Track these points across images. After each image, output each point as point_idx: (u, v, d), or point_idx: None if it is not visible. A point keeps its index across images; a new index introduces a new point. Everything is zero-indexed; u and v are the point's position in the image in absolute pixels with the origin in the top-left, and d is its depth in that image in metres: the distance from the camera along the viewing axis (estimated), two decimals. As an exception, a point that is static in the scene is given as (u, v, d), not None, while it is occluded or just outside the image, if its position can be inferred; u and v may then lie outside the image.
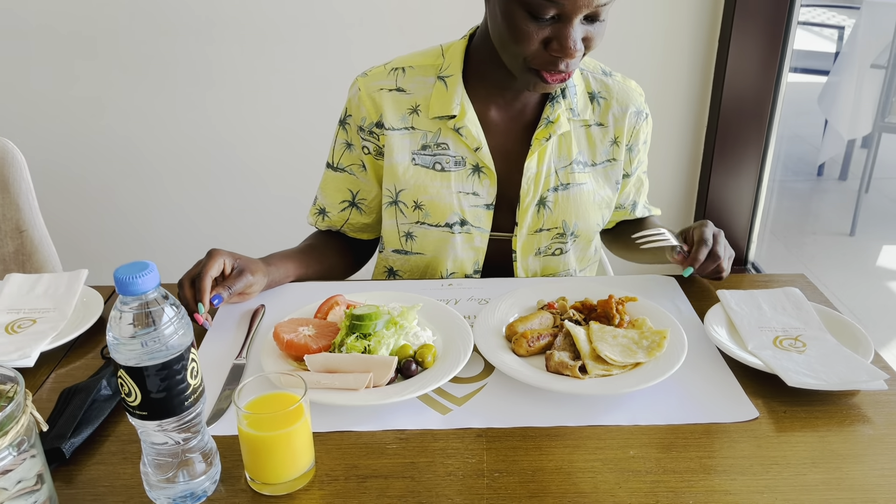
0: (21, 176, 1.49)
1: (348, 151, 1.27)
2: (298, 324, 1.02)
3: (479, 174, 1.21)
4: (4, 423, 0.69)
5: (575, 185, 1.23)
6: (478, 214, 1.23)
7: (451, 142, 1.21)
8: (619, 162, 1.27)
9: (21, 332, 1.05)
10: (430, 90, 1.20)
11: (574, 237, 1.27)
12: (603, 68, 1.27)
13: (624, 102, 1.25)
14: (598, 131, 1.24)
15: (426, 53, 1.23)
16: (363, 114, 1.23)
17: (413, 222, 1.24)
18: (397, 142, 1.21)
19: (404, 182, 1.22)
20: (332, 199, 1.32)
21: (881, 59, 3.23)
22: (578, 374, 0.94)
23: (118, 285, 0.69)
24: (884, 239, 3.31)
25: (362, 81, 1.23)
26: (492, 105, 1.21)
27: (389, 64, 1.24)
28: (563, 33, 1.02)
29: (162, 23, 2.14)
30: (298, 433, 0.78)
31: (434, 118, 1.20)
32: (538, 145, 1.20)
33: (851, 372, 0.93)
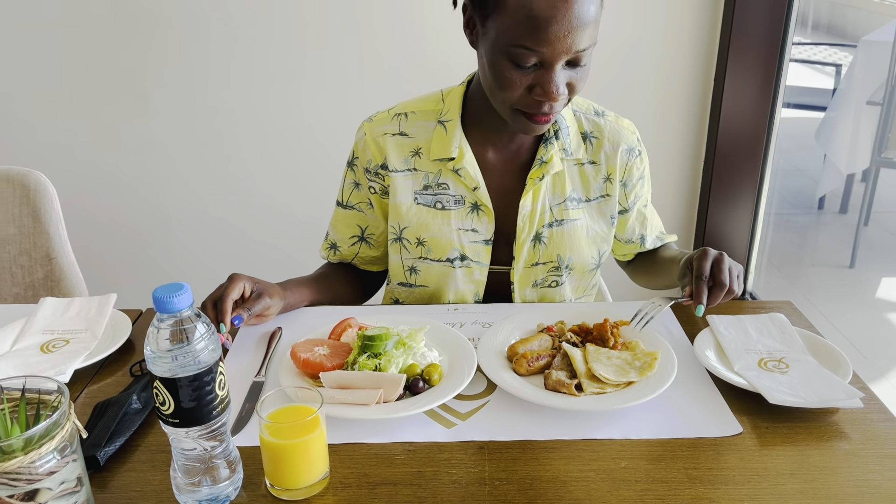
0: (52, 206, 1.58)
1: (356, 190, 1.35)
2: (314, 344, 1.09)
3: (477, 212, 1.28)
4: (51, 429, 0.77)
5: (569, 221, 1.30)
6: (477, 250, 1.30)
7: (450, 182, 1.28)
8: (612, 198, 1.32)
9: (56, 352, 1.13)
10: (430, 134, 1.28)
11: (569, 270, 1.32)
12: (596, 109, 1.33)
13: (615, 141, 1.30)
14: (590, 169, 1.31)
15: (427, 99, 1.31)
16: (369, 156, 1.30)
17: (416, 257, 1.31)
18: (400, 183, 1.29)
19: (407, 220, 1.30)
20: (343, 234, 1.39)
21: (877, 96, 3.31)
22: (574, 391, 1.01)
23: (156, 303, 0.77)
24: (883, 271, 3.36)
25: (368, 127, 1.31)
26: (489, 147, 1.28)
27: (393, 109, 1.31)
28: (545, 79, 1.08)
29: (184, 56, 2.25)
30: (315, 442, 0.85)
31: (435, 160, 1.27)
32: (532, 184, 1.26)
33: (830, 391, 1.00)
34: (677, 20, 2.26)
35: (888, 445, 0.94)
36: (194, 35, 2.23)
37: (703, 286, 1.12)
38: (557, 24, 1.03)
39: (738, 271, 1.16)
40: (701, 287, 1.12)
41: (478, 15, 1.12)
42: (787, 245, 3.67)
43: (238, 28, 2.23)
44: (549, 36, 1.03)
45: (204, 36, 2.23)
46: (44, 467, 0.76)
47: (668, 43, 2.29)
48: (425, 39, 2.23)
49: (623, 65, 2.30)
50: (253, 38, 2.24)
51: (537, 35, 1.04)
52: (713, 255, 1.15)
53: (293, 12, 2.21)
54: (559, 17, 1.03)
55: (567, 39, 1.04)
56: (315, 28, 2.23)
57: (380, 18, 2.22)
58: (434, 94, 1.31)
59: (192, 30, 2.22)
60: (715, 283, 1.12)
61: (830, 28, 6.90)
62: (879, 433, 0.96)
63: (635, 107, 2.35)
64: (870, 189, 3.45)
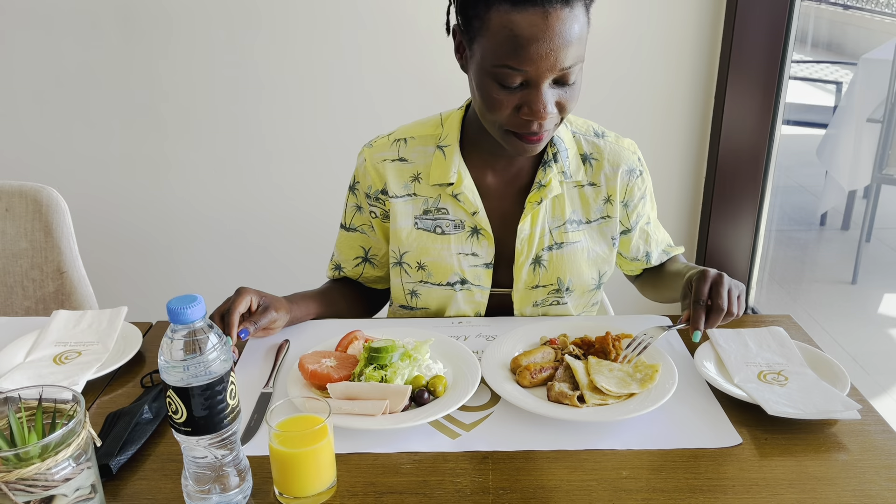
0: (63, 221, 1.61)
1: (358, 213, 1.37)
2: (321, 356, 1.11)
3: (477, 236, 1.29)
4: (67, 437, 0.79)
5: (568, 243, 1.30)
6: (477, 273, 1.30)
7: (450, 207, 1.29)
8: (613, 219, 1.32)
9: (68, 363, 1.15)
10: (430, 159, 1.28)
11: (569, 292, 1.33)
12: (595, 130, 1.33)
13: (615, 162, 1.30)
14: (590, 191, 1.30)
15: (426, 123, 1.32)
16: (369, 182, 1.32)
17: (417, 281, 1.32)
18: (400, 208, 1.30)
19: (408, 245, 1.31)
20: (347, 255, 1.41)
21: (877, 114, 3.34)
22: (577, 403, 1.02)
23: (170, 315, 0.79)
24: (885, 287, 3.37)
25: (368, 152, 1.32)
26: (488, 171, 1.28)
27: (393, 134, 1.32)
28: (532, 98, 1.08)
29: (195, 73, 2.29)
30: (323, 450, 0.87)
31: (434, 185, 1.28)
32: (531, 208, 1.26)
33: (827, 403, 1.01)
34: (677, 38, 2.30)
35: (885, 456, 0.95)
36: (206, 52, 2.27)
37: (700, 311, 1.11)
38: (539, 43, 1.03)
39: (740, 291, 1.15)
40: (699, 312, 1.11)
41: (465, 38, 1.13)
42: (789, 261, 3.69)
43: (250, 44, 2.27)
44: (531, 55, 1.04)
45: (216, 53, 2.27)
46: (59, 474, 0.78)
47: (668, 61, 2.32)
48: (432, 58, 2.27)
49: (623, 82, 2.34)
50: (265, 54, 2.28)
51: (520, 54, 1.04)
52: (712, 278, 1.14)
53: (304, 29, 2.25)
54: (540, 35, 1.03)
55: (550, 57, 1.04)
56: (326, 46, 2.27)
57: (389, 38, 2.26)
58: (433, 119, 1.32)
59: (203, 47, 2.26)
60: (713, 306, 1.11)
61: (831, 46, 6.95)
62: (877, 444, 0.97)
63: (636, 124, 2.38)
64: (871, 205, 3.47)
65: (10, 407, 0.83)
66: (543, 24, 1.03)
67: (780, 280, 3.46)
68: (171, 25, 2.23)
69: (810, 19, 6.62)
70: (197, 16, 2.22)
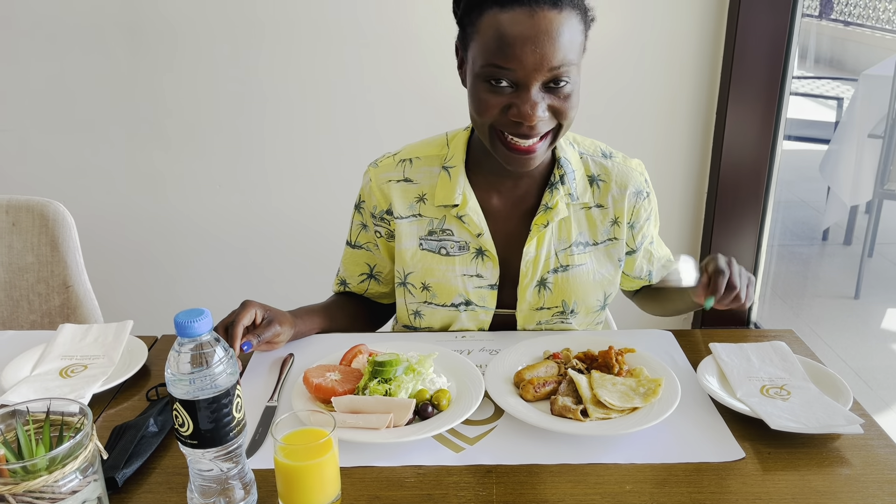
0: (70, 235, 1.62)
1: (364, 231, 1.37)
2: (326, 370, 1.12)
3: (482, 257, 1.28)
4: (74, 449, 0.80)
5: (574, 266, 1.29)
6: (482, 295, 1.30)
7: (454, 228, 1.28)
8: (620, 241, 1.31)
9: (74, 377, 1.16)
10: (435, 179, 1.28)
11: (574, 314, 1.32)
12: (603, 150, 1.32)
13: (623, 184, 1.29)
14: (598, 213, 1.29)
15: (432, 143, 1.31)
16: (374, 202, 1.31)
17: (421, 302, 1.32)
18: (405, 229, 1.30)
19: (412, 265, 1.30)
20: (352, 272, 1.42)
21: (878, 129, 3.36)
22: (580, 417, 1.03)
23: (178, 328, 0.80)
24: (888, 302, 3.37)
25: (373, 172, 1.32)
26: (493, 192, 1.28)
27: (398, 154, 1.32)
28: (520, 99, 1.07)
29: (200, 90, 2.31)
30: (328, 464, 0.87)
31: (439, 206, 1.27)
32: (537, 231, 1.25)
33: (830, 417, 1.02)
34: (678, 54, 2.32)
35: (888, 471, 0.95)
36: (210, 68, 2.29)
37: (721, 279, 1.13)
38: (525, 41, 1.04)
39: (751, 280, 1.18)
40: (720, 279, 1.13)
41: (463, 49, 1.15)
42: (792, 276, 3.69)
43: (254, 61, 2.29)
44: (516, 53, 1.04)
45: (220, 69, 2.29)
46: (67, 486, 0.79)
47: (670, 76, 2.34)
48: (434, 74, 2.29)
49: (625, 98, 2.35)
50: (268, 70, 2.30)
51: (506, 52, 1.05)
52: (728, 259, 1.17)
53: (307, 45, 2.27)
54: (526, 33, 1.03)
55: (535, 55, 1.04)
56: (330, 62, 2.29)
57: (391, 54, 2.28)
58: (439, 139, 1.32)
59: (208, 63, 2.28)
60: (730, 283, 1.14)
61: (832, 62, 6.99)
62: (880, 459, 0.98)
63: (638, 140, 2.40)
64: (873, 221, 3.48)
65: (18, 420, 0.83)
66: (529, 23, 1.04)
67: (782, 295, 3.46)
68: (176, 42, 2.26)
69: (812, 35, 6.67)
70: (202, 33, 2.25)
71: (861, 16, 6.55)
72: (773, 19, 2.23)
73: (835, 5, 6.89)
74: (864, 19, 6.50)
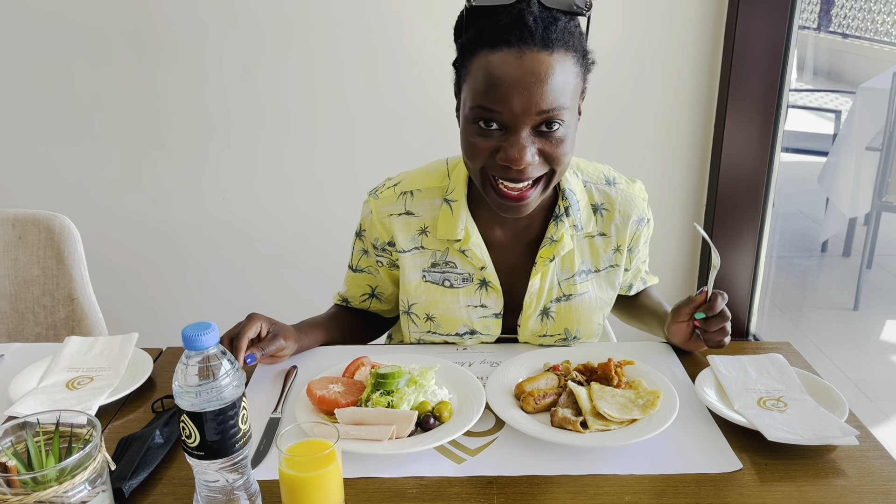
0: (75, 249, 1.64)
1: (365, 256, 1.38)
2: (329, 382, 1.13)
3: (486, 288, 1.28)
4: (83, 461, 0.81)
5: (577, 295, 1.29)
6: (487, 324, 1.31)
7: (457, 261, 1.28)
8: (620, 267, 1.32)
9: (81, 389, 1.18)
10: (437, 212, 1.27)
11: (577, 339, 1.33)
12: (607, 177, 1.31)
13: (626, 212, 1.28)
14: (600, 241, 1.29)
15: (433, 174, 1.30)
16: (375, 234, 1.32)
17: (425, 332, 1.33)
18: (408, 262, 1.30)
19: (416, 297, 1.31)
20: (354, 292, 1.43)
21: (876, 142, 3.38)
22: (580, 428, 1.04)
23: (185, 341, 0.82)
24: (887, 314, 3.39)
25: (374, 205, 1.30)
26: (496, 225, 1.27)
27: (399, 186, 1.30)
28: (508, 142, 1.06)
29: (204, 104, 2.34)
30: (331, 475, 0.88)
31: (441, 239, 1.28)
32: (542, 265, 1.26)
33: (826, 429, 1.03)
34: (677, 66, 2.34)
35: (884, 482, 0.97)
36: (216, 83, 2.32)
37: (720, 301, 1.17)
38: (512, 82, 1.02)
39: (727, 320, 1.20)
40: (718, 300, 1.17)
41: (458, 92, 1.14)
42: (791, 287, 3.71)
43: (261, 75, 2.31)
44: (503, 94, 1.02)
45: (226, 83, 2.32)
46: (76, 497, 0.80)
47: (668, 89, 2.36)
48: (433, 94, 2.31)
49: (623, 111, 2.38)
50: (275, 84, 2.32)
51: (493, 93, 1.03)
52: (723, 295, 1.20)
53: (313, 64, 2.30)
54: (513, 73, 1.02)
55: (523, 97, 1.02)
56: (337, 76, 2.31)
57: (392, 74, 2.31)
58: (440, 169, 1.31)
59: (213, 77, 2.31)
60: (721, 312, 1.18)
61: (831, 74, 7.03)
62: (875, 470, 0.99)
63: (636, 153, 2.42)
64: (872, 232, 3.50)
65: (28, 431, 0.85)
66: (517, 64, 1.02)
67: (781, 306, 3.48)
68: (181, 58, 2.28)
69: (810, 48, 6.71)
70: (209, 51, 2.27)
71: (859, 28, 6.60)
72: (770, 32, 2.26)
73: (833, 18, 6.94)
74: (862, 31, 6.54)
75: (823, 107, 4.72)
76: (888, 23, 6.34)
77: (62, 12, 2.23)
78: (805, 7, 7.11)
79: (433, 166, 1.32)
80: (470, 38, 1.09)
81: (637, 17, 2.29)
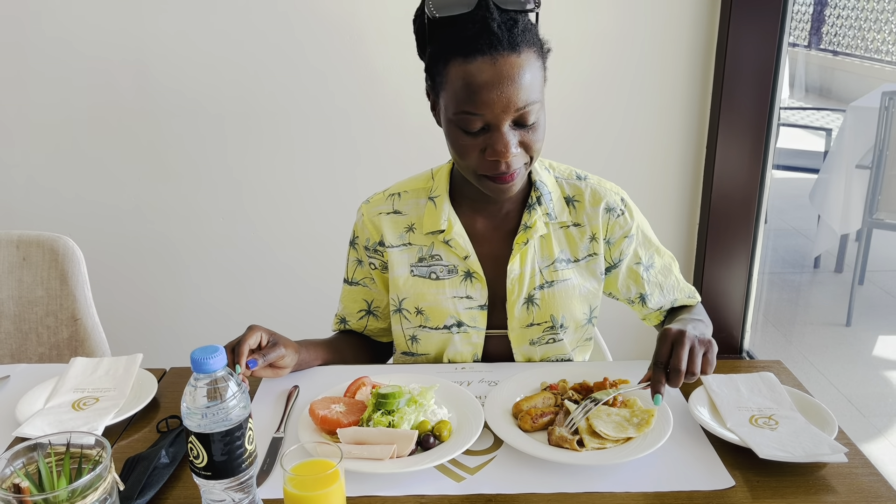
0: (79, 270, 1.67)
1: (360, 267, 1.44)
2: (331, 402, 1.16)
3: (470, 279, 1.35)
4: (94, 481, 0.84)
5: (559, 281, 1.36)
6: (473, 315, 1.36)
7: (442, 253, 1.35)
8: (599, 256, 1.37)
9: (86, 409, 1.20)
10: (422, 210, 1.36)
11: (564, 329, 1.37)
12: (578, 174, 1.39)
13: (595, 201, 1.36)
14: (575, 231, 1.37)
15: (419, 178, 1.40)
16: (367, 235, 1.40)
17: (416, 326, 1.38)
18: (397, 257, 1.37)
19: (405, 292, 1.37)
20: (351, 309, 1.48)
21: (866, 160, 3.43)
22: (577, 447, 1.07)
23: (194, 364, 0.84)
24: (879, 329, 3.42)
25: (365, 208, 1.41)
26: (477, 217, 1.36)
27: (388, 190, 1.41)
28: (493, 140, 1.15)
29: (205, 127, 2.37)
30: (335, 494, 0.91)
31: (427, 233, 1.35)
32: (518, 249, 1.33)
33: (816, 446, 1.06)
34: (669, 86, 2.39)
35: (872, 498, 1.00)
36: (215, 105, 2.35)
37: (660, 374, 1.10)
38: (491, 87, 1.11)
39: (706, 348, 1.12)
40: (658, 375, 1.10)
41: (434, 95, 1.23)
42: (784, 304, 3.74)
43: (259, 97, 2.35)
44: (484, 99, 1.11)
45: (226, 104, 2.35)
46: (87, 517, 0.82)
47: (660, 108, 2.41)
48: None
49: (615, 129, 2.42)
50: (275, 104, 2.36)
51: (475, 99, 1.12)
52: (672, 338, 1.12)
53: (312, 80, 2.33)
54: (491, 80, 1.11)
55: (502, 100, 1.11)
56: (338, 96, 2.35)
57: (395, 95, 2.35)
58: (425, 174, 1.41)
59: (212, 99, 2.34)
60: (671, 368, 1.10)
61: (822, 91, 7.11)
62: (864, 486, 1.02)
63: (629, 171, 2.46)
64: (863, 249, 3.54)
65: (40, 452, 0.87)
66: (492, 70, 1.11)
67: (774, 322, 3.51)
68: (181, 77, 2.32)
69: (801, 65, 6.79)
70: (208, 69, 2.31)
71: (850, 45, 6.69)
72: (760, 50, 2.30)
73: (823, 35, 7.03)
74: (852, 49, 6.63)
75: (814, 125, 4.78)
76: (878, 40, 6.43)
77: (64, 37, 2.27)
78: (796, 25, 7.20)
79: (419, 174, 1.42)
80: (440, 47, 1.16)
81: (628, 35, 2.33)
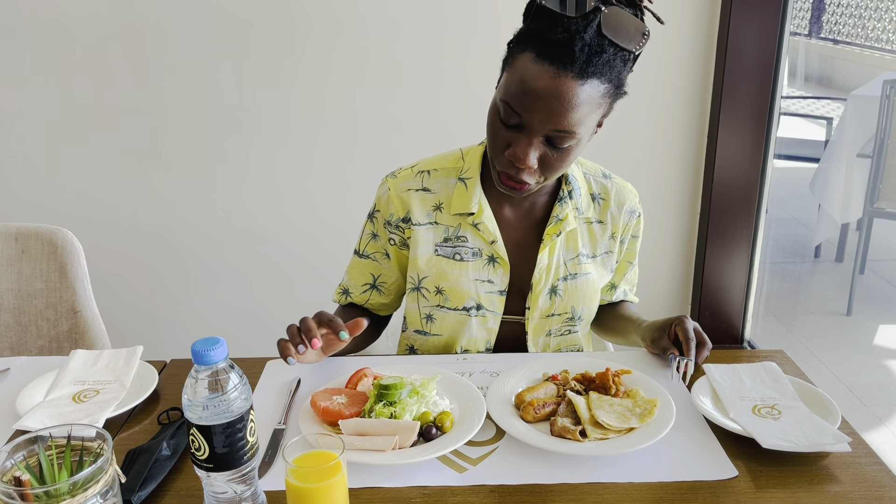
0: (78, 262, 1.66)
1: (373, 241, 1.43)
2: (332, 393, 1.16)
3: (493, 264, 1.36)
4: (95, 474, 0.83)
5: (582, 274, 1.38)
6: (492, 300, 1.37)
7: (469, 235, 1.36)
8: (613, 254, 1.43)
9: (87, 402, 1.19)
10: (451, 190, 1.36)
11: (580, 320, 1.41)
12: (603, 171, 1.43)
13: (620, 202, 1.40)
14: (598, 228, 1.40)
15: (448, 157, 1.40)
16: (392, 210, 1.38)
17: (434, 306, 1.39)
18: (422, 235, 1.37)
19: (427, 270, 1.37)
20: (356, 281, 1.47)
21: (867, 149, 3.42)
22: (579, 437, 1.07)
23: (195, 356, 0.84)
24: (880, 318, 3.42)
25: (392, 182, 1.39)
26: (505, 203, 1.37)
27: (416, 167, 1.40)
28: (519, 141, 1.15)
29: (204, 116, 2.36)
30: (337, 485, 0.90)
31: (455, 214, 1.36)
32: (549, 240, 1.34)
33: (819, 436, 1.06)
34: (670, 76, 2.38)
35: (876, 487, 0.99)
36: (215, 96, 2.34)
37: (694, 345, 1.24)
38: (539, 96, 1.10)
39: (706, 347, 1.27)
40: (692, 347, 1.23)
41: (502, 68, 1.21)
42: (785, 293, 3.74)
43: (258, 85, 2.34)
44: (528, 103, 1.11)
45: (224, 94, 2.34)
46: (88, 510, 0.82)
47: (662, 98, 2.40)
48: (436, 111, 2.34)
49: (619, 122, 2.40)
50: (275, 94, 2.35)
51: (521, 99, 1.12)
52: (689, 320, 1.27)
53: (310, 74, 2.32)
54: (544, 90, 1.10)
55: (544, 112, 1.11)
56: (337, 89, 2.34)
57: (396, 79, 2.33)
58: (454, 153, 1.40)
59: (211, 89, 2.33)
60: (699, 342, 1.24)
61: (822, 80, 7.09)
62: (867, 476, 1.02)
63: (630, 161, 2.45)
64: (864, 238, 3.53)
65: (41, 445, 0.87)
66: (549, 83, 1.10)
67: (775, 312, 3.51)
68: (180, 68, 2.31)
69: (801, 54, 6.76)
70: (207, 61, 2.30)
71: (850, 34, 6.66)
72: (762, 39, 2.29)
73: (824, 24, 7.00)
74: (853, 37, 6.61)
75: (815, 114, 4.76)
76: (878, 28, 6.41)
77: (62, 26, 2.25)
78: (796, 13, 7.17)
79: (448, 153, 1.42)
80: (528, 32, 1.15)
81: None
